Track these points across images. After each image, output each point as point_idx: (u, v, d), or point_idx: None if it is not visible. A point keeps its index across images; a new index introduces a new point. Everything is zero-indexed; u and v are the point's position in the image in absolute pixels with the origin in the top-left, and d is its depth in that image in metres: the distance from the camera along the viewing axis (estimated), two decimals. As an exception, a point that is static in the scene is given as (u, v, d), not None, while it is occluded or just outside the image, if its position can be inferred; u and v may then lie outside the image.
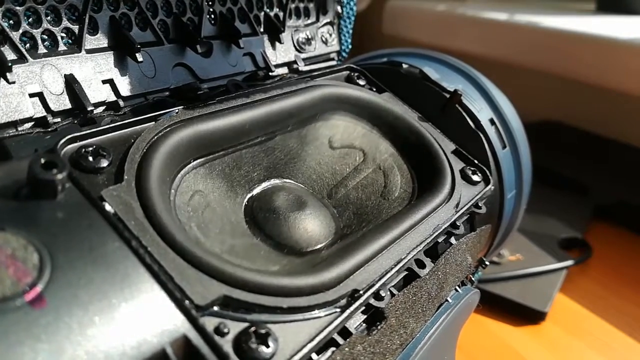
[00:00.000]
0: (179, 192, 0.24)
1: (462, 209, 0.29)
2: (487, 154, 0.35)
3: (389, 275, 0.23)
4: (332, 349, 0.20)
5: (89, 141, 0.22)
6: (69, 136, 0.21)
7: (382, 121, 0.34)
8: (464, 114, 0.36)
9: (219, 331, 0.17)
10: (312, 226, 0.28)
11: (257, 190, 0.29)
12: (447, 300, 0.27)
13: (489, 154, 0.35)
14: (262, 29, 0.35)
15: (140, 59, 0.27)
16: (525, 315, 0.45)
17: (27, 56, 0.23)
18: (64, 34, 0.25)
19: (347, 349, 0.20)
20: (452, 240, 0.29)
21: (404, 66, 0.38)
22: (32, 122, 0.23)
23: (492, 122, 0.37)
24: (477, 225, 0.32)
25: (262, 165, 0.29)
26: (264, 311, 0.19)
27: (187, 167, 0.25)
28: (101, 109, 0.26)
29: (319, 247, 0.27)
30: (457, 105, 0.35)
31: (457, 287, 0.28)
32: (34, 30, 0.24)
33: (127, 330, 0.15)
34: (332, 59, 0.41)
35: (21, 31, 0.23)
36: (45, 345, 0.14)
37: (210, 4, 0.32)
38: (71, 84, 0.25)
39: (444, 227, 0.28)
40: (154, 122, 0.24)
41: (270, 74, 0.35)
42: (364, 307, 0.22)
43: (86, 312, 0.15)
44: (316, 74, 0.34)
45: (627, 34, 0.57)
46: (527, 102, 0.48)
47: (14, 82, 0.23)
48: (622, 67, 0.57)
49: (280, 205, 0.28)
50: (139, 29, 0.28)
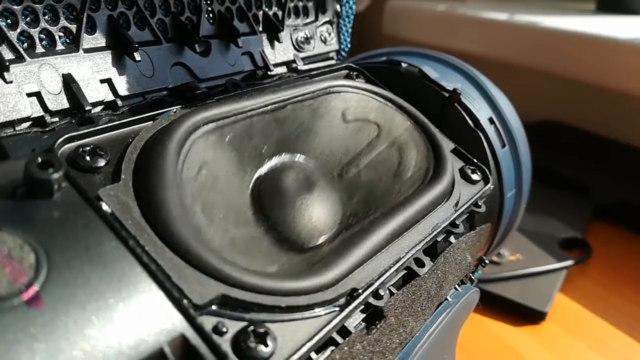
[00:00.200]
0: (187, 163, 0.23)
1: (461, 207, 0.29)
2: (486, 153, 0.35)
3: (388, 274, 0.23)
4: (331, 348, 0.20)
5: (86, 141, 0.22)
6: (66, 136, 0.21)
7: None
8: (463, 112, 0.35)
9: (217, 330, 0.17)
10: (317, 214, 0.27)
11: (266, 167, 0.28)
12: (446, 299, 0.27)
13: (489, 153, 0.35)
14: (260, 28, 0.35)
15: (138, 58, 0.27)
16: (525, 315, 0.45)
17: (25, 55, 0.23)
18: (61, 33, 0.25)
19: (346, 348, 0.20)
20: (452, 239, 0.29)
21: (403, 65, 0.38)
22: (30, 122, 0.23)
23: (491, 121, 0.36)
24: (477, 224, 0.32)
25: (273, 138, 0.28)
26: (262, 310, 0.19)
27: (198, 131, 0.24)
28: (99, 108, 0.26)
29: (320, 242, 0.27)
30: (456, 104, 0.35)
31: (456, 286, 0.28)
32: (32, 29, 0.24)
33: (124, 329, 0.15)
34: (331, 58, 0.41)
35: (19, 30, 0.23)
36: (42, 344, 0.14)
37: (208, 3, 0.32)
38: (69, 84, 0.24)
39: (443, 226, 0.28)
40: (151, 122, 0.24)
41: (269, 73, 0.35)
42: (363, 306, 0.22)
43: (83, 312, 0.15)
44: (315, 73, 0.34)
45: (627, 34, 0.57)
46: (527, 102, 0.48)
47: (12, 82, 0.22)
48: (622, 67, 0.57)
49: (287, 187, 0.27)
50: (137, 28, 0.28)
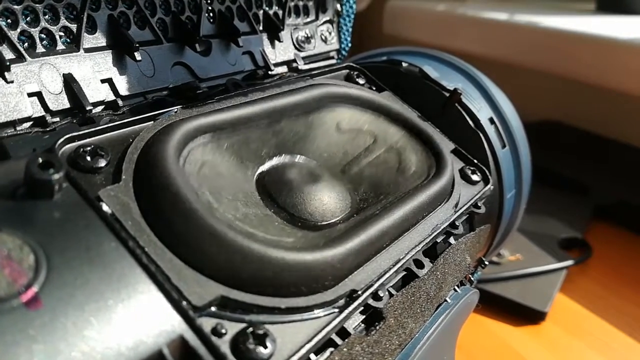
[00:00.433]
0: (187, 162, 0.23)
1: (461, 208, 0.29)
2: (486, 153, 0.35)
3: (387, 275, 0.23)
4: (331, 349, 0.20)
5: (87, 141, 0.22)
6: (67, 136, 0.21)
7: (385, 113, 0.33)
8: (464, 113, 0.35)
9: (216, 332, 0.17)
10: (327, 198, 0.27)
11: (267, 164, 0.28)
12: (446, 300, 0.27)
13: (489, 154, 0.35)
14: (261, 28, 0.35)
15: (138, 58, 0.27)
16: (525, 315, 0.45)
17: (26, 55, 0.23)
18: (62, 33, 0.25)
19: (345, 350, 0.20)
20: (451, 240, 0.29)
21: (404, 65, 0.38)
22: (31, 122, 0.23)
23: (491, 121, 0.36)
24: (477, 225, 0.32)
25: (271, 143, 0.28)
26: (261, 312, 0.19)
27: (195, 140, 0.24)
28: (100, 108, 0.26)
29: (334, 220, 0.26)
30: (456, 104, 0.35)
31: (456, 287, 0.28)
32: (32, 29, 0.24)
33: (123, 331, 0.15)
34: (332, 58, 0.41)
35: (19, 30, 0.23)
36: (41, 346, 0.14)
37: (209, 2, 0.32)
38: (70, 83, 0.24)
39: (442, 227, 0.28)
40: (152, 122, 0.24)
41: (269, 72, 0.35)
42: (362, 308, 0.22)
43: (82, 313, 0.15)
44: (315, 72, 0.34)
45: (627, 34, 0.57)
46: (527, 102, 0.48)
47: (12, 82, 0.22)
48: (622, 67, 0.57)
49: (293, 178, 0.27)
50: (137, 27, 0.28)
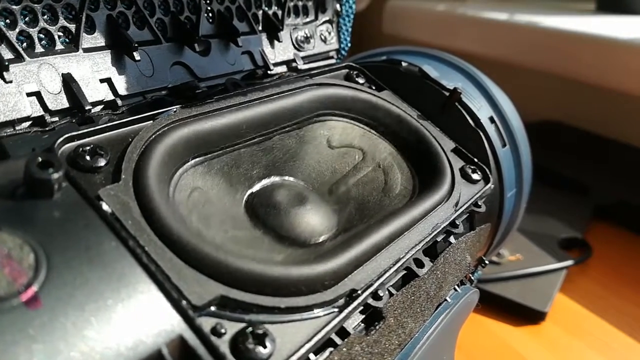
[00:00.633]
0: (178, 189, 0.24)
1: (461, 207, 0.29)
2: (487, 152, 0.35)
3: (387, 274, 0.23)
4: (330, 349, 0.20)
5: (86, 140, 0.22)
6: (66, 135, 0.21)
7: (380, 121, 0.33)
8: (464, 112, 0.35)
9: (215, 331, 0.17)
10: (313, 220, 0.27)
11: (256, 187, 0.28)
12: (446, 299, 0.27)
13: (489, 153, 0.35)
14: (260, 28, 0.35)
15: (137, 57, 0.27)
16: (525, 315, 0.45)
17: (24, 55, 0.23)
18: (61, 33, 0.25)
19: (345, 349, 0.20)
20: (452, 239, 0.28)
21: (404, 64, 0.38)
22: (30, 121, 0.23)
23: (492, 120, 0.36)
24: (477, 224, 0.32)
25: (261, 163, 0.29)
26: (261, 311, 0.19)
27: (185, 165, 0.25)
28: (99, 107, 0.26)
29: (321, 239, 0.27)
30: (456, 103, 0.35)
31: (456, 287, 0.28)
32: (31, 29, 0.24)
33: (123, 330, 0.15)
34: (331, 57, 0.41)
35: (18, 30, 0.23)
36: (40, 345, 0.14)
37: (208, 2, 0.32)
38: (69, 83, 0.24)
39: (443, 226, 0.28)
40: (151, 121, 0.24)
41: (268, 72, 0.35)
42: (362, 307, 0.22)
43: (82, 313, 0.15)
44: (315, 72, 0.34)
45: (627, 34, 0.57)
46: (527, 102, 0.48)
47: (11, 82, 0.22)
48: (622, 67, 0.57)
49: (281, 200, 0.27)
50: (136, 27, 0.28)
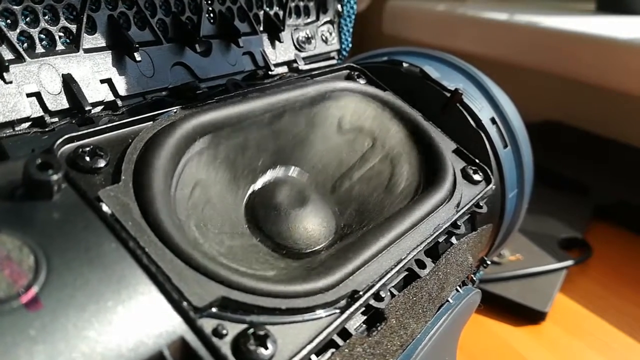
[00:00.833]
0: (181, 183, 0.23)
1: (463, 208, 0.29)
2: (488, 153, 0.35)
3: (389, 275, 0.23)
4: (332, 350, 0.20)
5: (86, 141, 0.22)
6: (66, 136, 0.21)
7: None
8: (465, 113, 0.35)
9: (217, 333, 0.17)
10: (311, 226, 0.27)
11: (259, 183, 0.28)
12: (448, 300, 0.27)
13: (490, 153, 0.35)
14: (261, 28, 0.35)
15: (138, 58, 0.27)
16: (525, 315, 0.45)
17: (25, 56, 0.23)
18: (61, 34, 0.25)
19: (346, 351, 0.20)
20: (453, 240, 0.28)
21: (404, 65, 0.38)
22: (30, 122, 0.23)
23: (493, 121, 0.36)
24: (478, 224, 0.32)
25: (268, 150, 0.29)
26: (262, 312, 0.19)
27: (192, 146, 0.24)
28: (99, 108, 0.26)
29: (317, 248, 0.27)
30: (457, 104, 0.35)
31: (458, 287, 0.28)
32: (32, 29, 0.24)
33: (123, 332, 0.15)
34: (332, 58, 0.41)
35: (18, 30, 0.23)
36: (41, 347, 0.14)
37: (209, 2, 0.32)
38: (69, 84, 0.24)
39: (444, 227, 0.27)
40: (152, 122, 0.24)
41: (269, 73, 0.35)
42: (364, 308, 0.22)
43: (82, 314, 0.15)
44: (316, 72, 0.34)
45: (627, 34, 0.57)
46: (527, 102, 0.48)
47: (11, 82, 0.22)
48: (622, 67, 0.57)
49: (281, 201, 0.27)
50: (137, 28, 0.28)
